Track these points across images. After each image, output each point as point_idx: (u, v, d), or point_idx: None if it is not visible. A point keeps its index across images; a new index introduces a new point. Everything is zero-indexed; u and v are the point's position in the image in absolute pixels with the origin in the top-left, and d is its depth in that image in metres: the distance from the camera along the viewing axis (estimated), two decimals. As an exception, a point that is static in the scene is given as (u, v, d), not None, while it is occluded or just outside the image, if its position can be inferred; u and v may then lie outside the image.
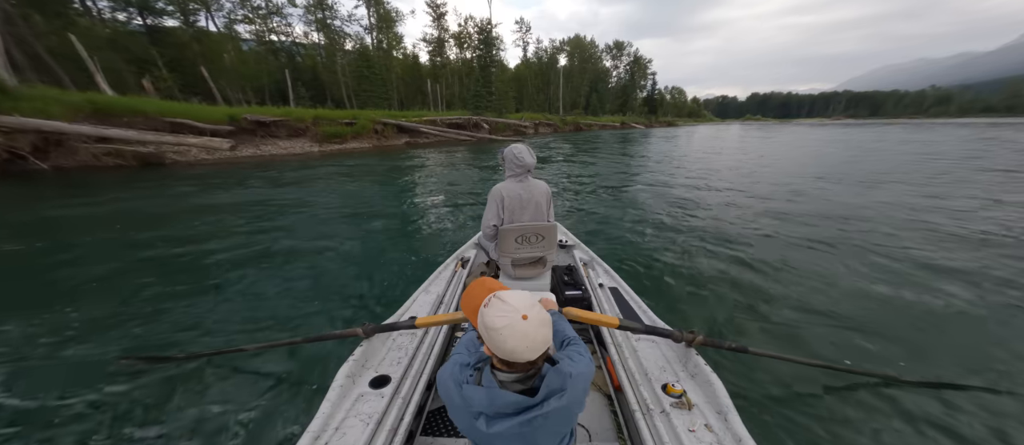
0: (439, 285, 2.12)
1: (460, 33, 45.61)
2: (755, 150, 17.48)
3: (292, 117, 16.07)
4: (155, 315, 2.81)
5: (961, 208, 5.83)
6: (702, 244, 4.31)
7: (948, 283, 3.23)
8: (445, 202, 6.94)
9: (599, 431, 1.47)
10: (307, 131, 16.66)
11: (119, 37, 22.30)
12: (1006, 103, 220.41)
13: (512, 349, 0.69)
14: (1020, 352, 2.31)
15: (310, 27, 34.66)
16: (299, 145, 15.97)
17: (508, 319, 0.70)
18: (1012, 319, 2.69)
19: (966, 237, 4.45)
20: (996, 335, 2.51)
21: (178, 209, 6.29)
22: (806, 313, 2.76)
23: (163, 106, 12.33)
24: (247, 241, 4.55)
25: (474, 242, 2.79)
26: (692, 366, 1.35)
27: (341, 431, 1.11)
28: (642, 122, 64.21)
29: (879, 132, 34.08)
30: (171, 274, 3.55)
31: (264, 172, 10.67)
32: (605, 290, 2.05)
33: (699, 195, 7.27)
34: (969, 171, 9.48)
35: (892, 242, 4.28)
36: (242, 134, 14.30)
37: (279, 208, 6.38)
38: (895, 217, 5.38)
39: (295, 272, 3.60)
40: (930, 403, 1.89)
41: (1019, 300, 2.93)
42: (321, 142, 16.75)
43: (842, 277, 3.37)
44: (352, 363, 1.34)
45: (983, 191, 7.04)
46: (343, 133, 17.67)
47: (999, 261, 3.70)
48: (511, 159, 2.04)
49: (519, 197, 2.06)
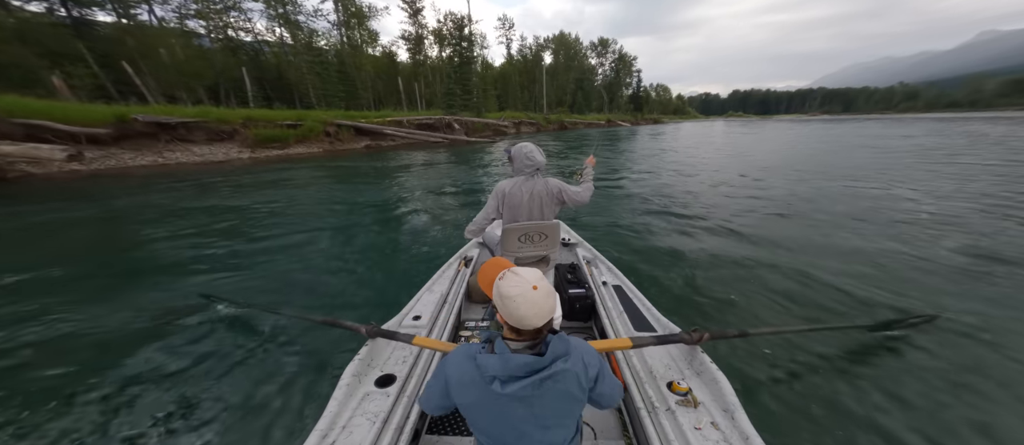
0: (443, 284, 2.09)
1: (440, 29, 42.49)
2: (752, 151, 15.14)
3: (211, 118, 12.96)
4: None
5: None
6: (711, 241, 4.14)
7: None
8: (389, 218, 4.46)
9: (604, 429, 1.40)
10: (235, 135, 13.60)
11: (30, 29, 18.78)
12: (969, 98, 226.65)
13: (523, 315, 0.76)
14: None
15: (274, 23, 31.31)
16: (223, 151, 12.90)
17: (521, 288, 0.77)
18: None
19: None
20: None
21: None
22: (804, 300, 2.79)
23: (13, 104, 9.17)
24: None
25: (476, 241, 2.70)
26: (697, 364, 1.33)
27: (348, 429, 1.10)
28: (628, 119, 62.21)
29: (859, 127, 33.44)
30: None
31: (157, 185, 7.71)
32: (609, 288, 2.00)
33: (700, 195, 6.73)
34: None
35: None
36: (140, 139, 11.20)
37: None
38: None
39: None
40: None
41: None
42: (253, 147, 13.72)
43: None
44: (358, 362, 1.33)
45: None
46: (284, 137, 14.65)
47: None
48: (520, 158, 1.99)
49: (523, 196, 2.01)
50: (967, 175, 7.84)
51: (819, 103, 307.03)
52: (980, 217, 4.83)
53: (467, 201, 6.68)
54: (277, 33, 31.49)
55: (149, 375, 2.08)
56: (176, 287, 3.22)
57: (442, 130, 23.16)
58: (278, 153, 14.35)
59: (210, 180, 8.94)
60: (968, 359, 2.10)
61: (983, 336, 2.30)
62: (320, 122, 16.31)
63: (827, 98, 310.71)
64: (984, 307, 2.62)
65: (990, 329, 2.35)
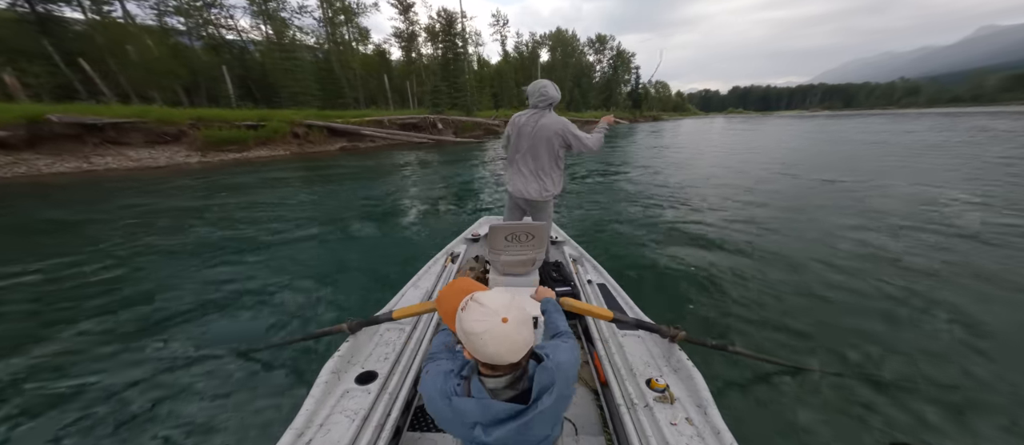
0: (428, 280, 2.05)
1: (433, 26, 40.70)
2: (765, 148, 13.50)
3: (151, 118, 11.40)
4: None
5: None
6: (698, 245, 3.98)
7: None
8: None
9: (585, 424, 1.39)
10: (182, 137, 12.08)
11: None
12: (971, 94, 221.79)
13: (494, 353, 0.65)
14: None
15: (258, 20, 29.73)
16: (166, 155, 11.40)
17: (487, 323, 0.65)
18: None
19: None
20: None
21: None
22: (789, 318, 2.52)
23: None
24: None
25: (463, 238, 2.71)
26: (675, 361, 1.35)
27: (325, 427, 1.06)
28: (627, 117, 60.36)
29: (863, 123, 32.33)
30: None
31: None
32: (593, 286, 1.99)
33: (700, 199, 6.19)
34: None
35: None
36: (61, 142, 9.68)
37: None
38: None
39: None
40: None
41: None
42: (204, 150, 12.21)
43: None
44: (338, 359, 1.30)
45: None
46: (241, 138, 13.11)
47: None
48: (535, 92, 2.01)
49: (529, 127, 2.03)
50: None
51: (820, 99, 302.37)
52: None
53: (451, 204, 6.33)
54: (263, 30, 30.01)
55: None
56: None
57: (427, 130, 21.59)
58: (235, 157, 12.83)
59: (145, 189, 7.46)
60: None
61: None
62: (286, 122, 14.76)
63: (828, 94, 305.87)
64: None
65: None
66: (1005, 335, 2.25)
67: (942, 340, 2.24)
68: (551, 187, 2.12)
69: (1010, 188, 5.97)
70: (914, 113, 71.65)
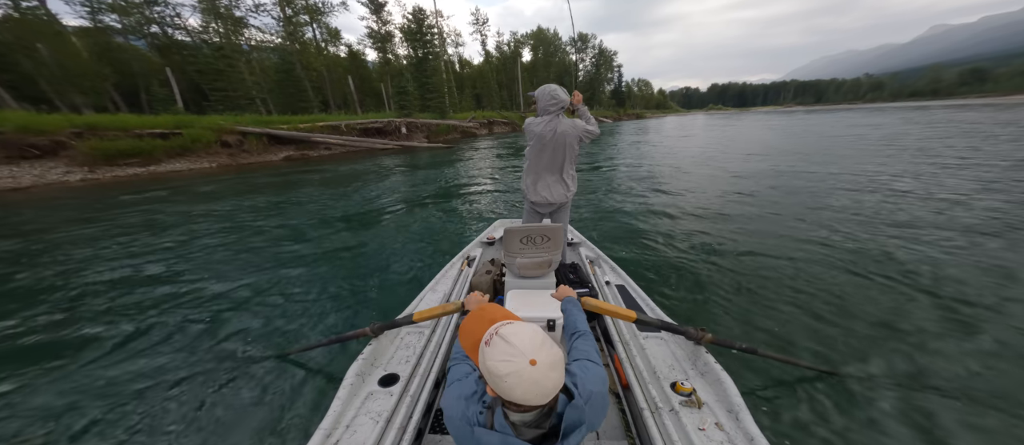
0: (445, 283, 2.05)
1: (409, 26, 38.02)
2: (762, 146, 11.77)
3: (8, 127, 8.71)
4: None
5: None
6: (712, 243, 3.76)
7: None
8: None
9: (607, 429, 1.35)
10: (61, 150, 9.43)
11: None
12: (930, 88, 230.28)
13: (521, 397, 0.59)
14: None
15: (209, 18, 26.62)
16: (32, 173, 8.74)
17: (513, 364, 0.59)
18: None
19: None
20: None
21: None
22: (817, 318, 2.33)
23: None
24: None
25: (479, 241, 2.69)
26: (702, 364, 1.29)
27: (352, 428, 1.07)
28: (610, 115, 58.93)
29: (843, 117, 31.78)
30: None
31: None
32: (612, 288, 1.96)
33: (702, 192, 6.09)
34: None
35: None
36: None
37: None
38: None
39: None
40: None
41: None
42: (93, 165, 9.58)
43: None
44: (361, 362, 1.31)
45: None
46: (146, 150, 10.50)
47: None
48: (544, 98, 1.97)
49: (546, 136, 2.00)
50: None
51: (793, 95, 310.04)
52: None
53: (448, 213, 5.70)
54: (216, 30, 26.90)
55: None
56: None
57: (392, 135, 19.19)
58: (135, 171, 10.21)
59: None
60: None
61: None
62: (212, 129, 12.16)
63: (800, 90, 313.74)
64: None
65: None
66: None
67: (990, 345, 1.96)
68: (572, 186, 2.15)
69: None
70: (886, 107, 74.68)
